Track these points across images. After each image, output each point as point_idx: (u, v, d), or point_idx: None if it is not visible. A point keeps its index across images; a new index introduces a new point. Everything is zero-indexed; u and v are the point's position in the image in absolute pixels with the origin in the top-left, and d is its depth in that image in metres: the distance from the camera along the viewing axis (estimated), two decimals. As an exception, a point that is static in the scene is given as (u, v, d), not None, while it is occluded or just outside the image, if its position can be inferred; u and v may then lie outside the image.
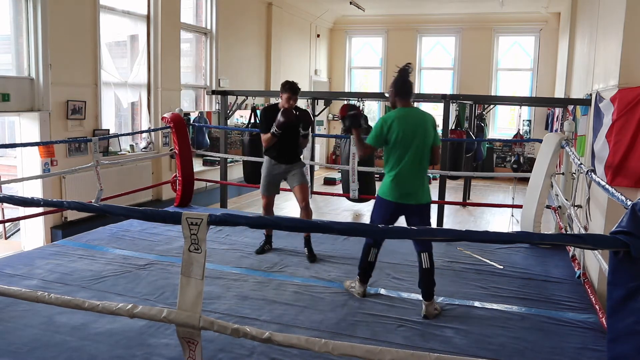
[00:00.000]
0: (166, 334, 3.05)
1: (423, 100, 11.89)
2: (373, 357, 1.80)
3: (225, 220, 2.03)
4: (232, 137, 9.56)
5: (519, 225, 5.78)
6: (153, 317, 2.10)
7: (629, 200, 2.09)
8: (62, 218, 6.37)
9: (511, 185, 9.90)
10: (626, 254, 1.65)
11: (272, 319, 3.37)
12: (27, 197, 2.49)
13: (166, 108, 7.58)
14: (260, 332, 1.98)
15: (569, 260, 4.68)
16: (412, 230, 1.92)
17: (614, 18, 4.28)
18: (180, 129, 6.27)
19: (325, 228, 1.95)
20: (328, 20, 13.72)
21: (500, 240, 1.84)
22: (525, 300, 3.78)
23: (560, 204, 5.47)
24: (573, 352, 3.02)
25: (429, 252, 3.54)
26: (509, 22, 12.81)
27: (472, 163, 9.91)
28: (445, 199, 6.85)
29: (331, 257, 4.66)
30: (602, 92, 4.38)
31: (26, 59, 5.87)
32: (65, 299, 2.31)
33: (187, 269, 1.99)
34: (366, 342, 2.95)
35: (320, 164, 12.10)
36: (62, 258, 4.46)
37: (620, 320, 1.71)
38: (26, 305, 3.34)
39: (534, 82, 12.88)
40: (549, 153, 4.94)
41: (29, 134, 5.99)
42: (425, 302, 3.48)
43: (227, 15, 9.59)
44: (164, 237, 5.18)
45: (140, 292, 3.77)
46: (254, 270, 4.32)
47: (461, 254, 4.83)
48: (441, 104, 6.93)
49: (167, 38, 7.71)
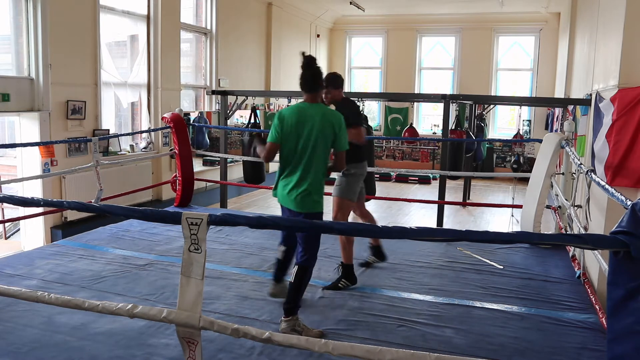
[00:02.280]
0: (166, 334, 3.05)
1: (423, 100, 11.95)
2: (373, 357, 1.80)
3: (225, 220, 2.03)
4: (232, 137, 9.56)
5: (519, 225, 5.78)
6: (153, 317, 2.10)
7: (629, 200, 2.09)
8: (62, 218, 6.37)
9: (511, 185, 9.90)
10: (626, 254, 1.65)
11: (272, 319, 3.37)
12: (27, 197, 2.49)
13: (166, 108, 7.58)
14: (260, 332, 1.98)
15: (569, 260, 4.68)
16: (411, 230, 1.91)
17: (613, 18, 4.28)
18: (180, 129, 6.27)
19: (325, 228, 1.94)
20: (328, 20, 13.72)
21: (500, 240, 1.83)
22: (525, 300, 3.78)
23: (560, 204, 5.46)
24: (573, 352, 3.02)
25: (302, 266, 3.20)
26: (509, 22, 12.82)
27: (472, 163, 9.92)
28: (445, 199, 6.85)
29: (331, 257, 4.66)
30: (602, 92, 4.38)
31: (26, 59, 5.87)
32: (65, 299, 2.31)
33: (187, 269, 1.99)
34: (366, 342, 2.95)
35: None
36: (62, 258, 4.45)
37: (620, 320, 1.71)
38: (26, 305, 3.33)
39: (534, 82, 12.88)
40: (549, 153, 4.94)
41: (29, 134, 5.99)
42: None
43: (227, 15, 9.59)
44: (164, 237, 5.18)
45: (140, 292, 3.77)
46: (254, 270, 4.31)
47: (461, 254, 4.83)
48: (441, 104, 6.93)
49: (167, 38, 7.71)
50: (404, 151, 13.85)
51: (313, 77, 3.19)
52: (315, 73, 3.20)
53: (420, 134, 11.85)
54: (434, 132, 13.28)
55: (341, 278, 3.94)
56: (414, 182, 11.81)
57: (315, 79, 3.20)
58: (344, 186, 3.99)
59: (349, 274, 3.95)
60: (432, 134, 13.25)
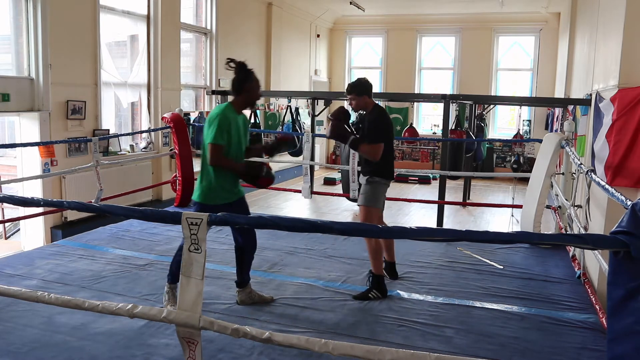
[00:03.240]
0: (166, 334, 3.05)
1: (423, 100, 11.95)
2: (373, 357, 1.80)
3: (225, 220, 2.03)
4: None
5: (519, 225, 5.78)
6: (153, 317, 2.10)
7: (629, 200, 2.09)
8: (62, 218, 6.37)
9: (511, 185, 9.90)
10: (626, 254, 1.65)
11: (272, 319, 3.37)
12: (27, 197, 2.49)
13: (166, 108, 7.58)
14: (260, 332, 1.98)
15: (569, 260, 4.68)
16: (411, 230, 1.91)
17: (613, 18, 4.28)
18: (180, 129, 6.27)
19: (325, 228, 1.95)
20: (328, 20, 13.72)
21: (500, 240, 1.83)
22: (525, 300, 3.78)
23: (560, 204, 5.47)
24: (573, 352, 3.02)
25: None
26: (509, 22, 12.81)
27: (472, 163, 9.91)
28: (445, 199, 6.85)
29: (331, 257, 4.66)
30: (602, 92, 4.38)
31: (26, 59, 5.87)
32: (65, 299, 2.31)
33: (187, 269, 1.99)
34: (366, 342, 2.95)
35: (320, 164, 12.10)
36: (62, 258, 4.46)
37: (620, 320, 1.71)
38: (26, 305, 3.34)
39: (534, 82, 12.88)
40: (549, 153, 4.94)
41: (29, 134, 5.99)
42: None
43: (227, 15, 9.59)
44: (164, 237, 5.18)
45: (140, 292, 3.77)
46: (254, 270, 4.29)
47: (461, 254, 4.83)
48: (441, 104, 6.93)
49: (167, 38, 7.71)
50: (404, 151, 13.86)
51: (236, 82, 3.47)
52: (237, 79, 3.45)
53: (420, 134, 11.85)
54: (434, 132, 13.28)
55: (372, 289, 3.78)
56: (414, 182, 11.81)
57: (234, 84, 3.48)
58: (369, 194, 3.89)
59: (379, 284, 3.79)
60: (432, 134, 13.25)
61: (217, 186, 3.40)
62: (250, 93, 3.48)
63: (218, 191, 3.41)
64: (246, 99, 3.50)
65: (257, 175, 3.45)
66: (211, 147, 3.33)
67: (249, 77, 3.45)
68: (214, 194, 3.41)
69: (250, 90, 3.47)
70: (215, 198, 3.41)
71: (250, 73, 3.46)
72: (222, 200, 3.43)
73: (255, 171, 3.46)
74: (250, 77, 3.46)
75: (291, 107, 8.36)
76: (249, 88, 3.46)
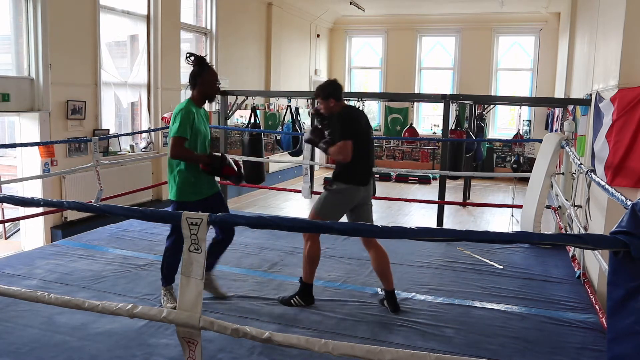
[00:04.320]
0: (166, 334, 3.05)
1: (423, 100, 11.95)
2: (373, 357, 1.80)
3: (225, 220, 2.03)
4: (232, 137, 9.56)
5: (519, 225, 5.78)
6: (153, 317, 2.10)
7: (629, 200, 2.09)
8: (62, 218, 6.37)
9: (511, 185, 9.90)
10: (626, 254, 1.65)
11: (272, 319, 3.37)
12: (27, 197, 2.49)
13: (166, 108, 7.59)
14: (260, 332, 1.98)
15: (569, 260, 4.68)
16: (411, 230, 1.91)
17: (613, 18, 4.28)
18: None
19: (325, 228, 1.95)
20: (328, 20, 13.72)
21: (500, 240, 1.83)
22: (525, 300, 3.78)
23: (560, 204, 5.46)
24: (573, 352, 3.02)
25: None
26: (508, 22, 12.82)
27: (472, 163, 9.91)
28: (445, 199, 6.85)
29: (331, 257, 4.66)
30: (602, 92, 4.38)
31: (26, 59, 5.87)
32: (65, 299, 2.31)
33: (187, 269, 1.99)
34: (366, 342, 2.95)
35: (320, 164, 12.09)
36: (62, 258, 4.45)
37: (620, 320, 1.71)
38: (26, 305, 3.33)
39: (534, 82, 12.88)
40: (549, 153, 4.94)
41: (29, 134, 5.99)
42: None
43: (227, 15, 9.59)
44: (164, 237, 5.14)
45: (140, 292, 3.77)
46: (254, 270, 4.32)
47: (461, 254, 4.83)
48: (441, 104, 6.93)
49: (167, 38, 7.71)
50: (404, 151, 13.86)
51: (191, 76, 3.46)
52: (192, 73, 3.44)
53: (420, 134, 11.85)
54: (434, 132, 13.28)
55: (295, 295, 3.59)
56: (414, 182, 11.81)
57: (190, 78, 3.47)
58: (322, 201, 3.55)
59: (305, 292, 3.59)
60: (432, 134, 13.26)
61: (191, 182, 3.44)
62: (205, 86, 3.45)
63: (192, 187, 3.45)
64: (202, 92, 3.47)
65: (220, 166, 3.43)
66: (173, 140, 3.34)
67: (204, 69, 3.43)
68: (190, 190, 3.45)
69: (205, 83, 3.44)
70: (191, 194, 3.45)
71: (205, 66, 3.44)
72: (198, 197, 3.47)
73: (218, 161, 3.43)
74: (205, 70, 3.43)
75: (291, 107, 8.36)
76: (204, 81, 3.43)
